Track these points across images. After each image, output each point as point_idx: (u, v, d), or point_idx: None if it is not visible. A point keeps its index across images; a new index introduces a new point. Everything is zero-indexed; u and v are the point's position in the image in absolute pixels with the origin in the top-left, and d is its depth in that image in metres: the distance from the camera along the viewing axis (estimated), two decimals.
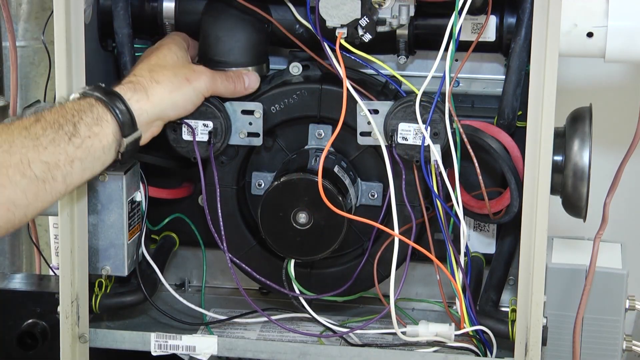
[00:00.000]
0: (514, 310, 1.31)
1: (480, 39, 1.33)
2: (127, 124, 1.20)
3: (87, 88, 1.21)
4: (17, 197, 1.11)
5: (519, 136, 1.31)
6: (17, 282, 1.50)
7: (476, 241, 1.48)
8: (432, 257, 1.31)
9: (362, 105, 1.29)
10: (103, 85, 1.22)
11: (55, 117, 1.16)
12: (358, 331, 1.39)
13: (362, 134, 1.32)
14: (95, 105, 1.19)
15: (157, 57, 1.28)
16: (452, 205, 1.31)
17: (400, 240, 1.30)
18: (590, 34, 1.27)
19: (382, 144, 1.30)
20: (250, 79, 1.34)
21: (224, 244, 1.36)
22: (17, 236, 1.89)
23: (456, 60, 1.32)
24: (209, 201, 1.36)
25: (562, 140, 1.35)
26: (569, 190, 1.34)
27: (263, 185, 1.42)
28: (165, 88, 1.24)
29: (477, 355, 1.37)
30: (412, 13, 1.26)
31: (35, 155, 1.12)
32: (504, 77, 1.34)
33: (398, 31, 1.33)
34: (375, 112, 1.30)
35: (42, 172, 1.13)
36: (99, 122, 1.18)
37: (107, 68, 1.41)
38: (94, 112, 1.18)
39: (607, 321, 1.41)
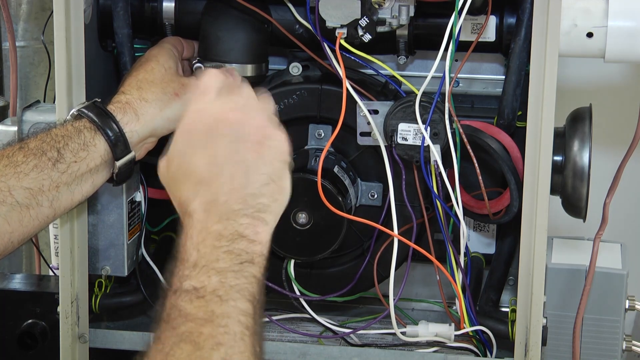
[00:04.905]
0: (514, 310, 1.31)
1: (480, 39, 1.33)
2: (120, 146, 1.19)
3: (83, 105, 1.20)
4: None
5: (519, 136, 1.31)
6: (17, 283, 1.50)
7: (476, 241, 1.48)
8: (432, 257, 1.31)
9: (362, 106, 1.29)
10: (99, 100, 1.21)
11: (38, 144, 1.15)
12: (358, 331, 1.40)
13: (362, 134, 1.32)
14: (83, 130, 1.17)
15: (145, 71, 1.27)
16: (452, 205, 1.31)
17: (400, 241, 1.30)
18: (590, 34, 1.27)
19: (382, 144, 1.30)
20: (234, 77, 1.33)
21: None
22: None
23: (456, 60, 1.32)
24: None
25: (562, 140, 1.35)
26: (569, 190, 1.34)
27: None
28: (155, 106, 1.23)
29: (477, 355, 1.37)
30: (412, 13, 1.26)
31: (15, 182, 1.12)
32: (504, 77, 1.34)
33: (398, 31, 1.33)
34: (375, 112, 1.30)
35: (24, 198, 1.12)
36: (86, 147, 1.17)
37: (107, 68, 1.41)
38: (81, 138, 1.17)
39: (607, 321, 1.41)
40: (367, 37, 1.25)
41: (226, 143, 1.02)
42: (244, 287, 0.95)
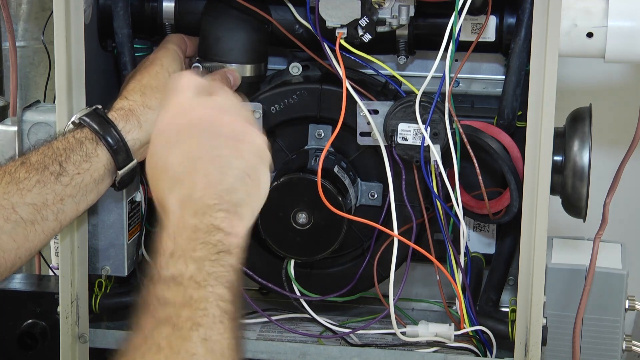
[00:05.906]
0: (514, 310, 1.31)
1: (480, 39, 1.33)
2: (122, 155, 1.18)
3: (84, 113, 1.20)
4: (3, 242, 1.10)
5: (519, 136, 1.31)
6: (17, 282, 1.49)
7: (476, 241, 1.48)
8: (432, 257, 1.31)
9: (362, 106, 1.29)
10: (100, 107, 1.21)
11: (40, 159, 1.14)
12: (358, 331, 1.40)
13: (362, 134, 1.32)
14: (85, 142, 1.17)
15: (149, 75, 1.26)
16: (452, 205, 1.31)
17: (400, 241, 1.30)
18: (590, 34, 1.27)
19: (382, 144, 1.30)
20: (233, 77, 1.33)
21: None
22: None
23: (456, 60, 1.32)
24: None
25: (562, 140, 1.35)
26: (569, 190, 1.34)
27: None
28: (157, 113, 1.22)
29: (477, 355, 1.37)
30: (412, 13, 1.26)
31: (19, 199, 1.12)
32: (504, 77, 1.34)
33: (398, 31, 1.33)
34: (375, 112, 1.30)
35: (29, 214, 1.12)
36: (89, 158, 1.16)
37: (107, 68, 1.41)
38: (83, 149, 1.16)
39: (607, 321, 1.41)
40: (367, 37, 1.25)
41: (200, 139, 1.01)
42: (221, 275, 0.95)
